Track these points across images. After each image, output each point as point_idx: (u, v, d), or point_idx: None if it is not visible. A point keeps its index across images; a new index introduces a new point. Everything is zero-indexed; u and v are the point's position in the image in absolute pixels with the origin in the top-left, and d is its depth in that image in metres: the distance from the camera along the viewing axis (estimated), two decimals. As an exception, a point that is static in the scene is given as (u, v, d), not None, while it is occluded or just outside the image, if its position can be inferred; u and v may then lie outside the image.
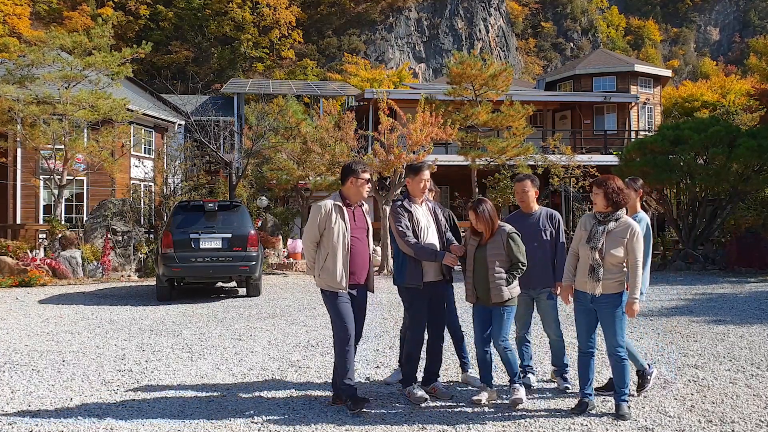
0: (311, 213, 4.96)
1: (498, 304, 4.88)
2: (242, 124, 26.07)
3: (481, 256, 4.92)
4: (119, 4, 60.43)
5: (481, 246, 4.95)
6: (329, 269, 4.81)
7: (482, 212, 4.92)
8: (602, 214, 4.72)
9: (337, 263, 4.80)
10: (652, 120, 31.14)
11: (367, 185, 5.00)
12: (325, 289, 4.87)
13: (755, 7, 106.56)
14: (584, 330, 4.79)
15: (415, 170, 5.15)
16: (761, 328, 8.05)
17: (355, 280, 4.90)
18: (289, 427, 4.47)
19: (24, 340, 7.80)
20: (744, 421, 4.52)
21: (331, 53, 66.21)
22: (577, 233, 4.88)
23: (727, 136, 15.70)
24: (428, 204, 5.28)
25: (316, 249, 4.91)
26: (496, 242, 4.91)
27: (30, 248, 15.49)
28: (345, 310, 4.81)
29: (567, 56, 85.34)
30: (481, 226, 4.94)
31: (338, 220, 4.84)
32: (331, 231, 4.82)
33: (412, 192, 5.17)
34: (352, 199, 4.99)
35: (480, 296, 4.93)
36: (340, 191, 5.06)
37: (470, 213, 4.98)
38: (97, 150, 17.48)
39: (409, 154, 17.69)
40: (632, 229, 4.64)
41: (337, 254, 4.80)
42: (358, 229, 4.95)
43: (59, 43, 17.34)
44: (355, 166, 4.98)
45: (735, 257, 15.92)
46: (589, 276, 4.64)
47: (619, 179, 4.81)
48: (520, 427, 4.42)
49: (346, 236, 4.84)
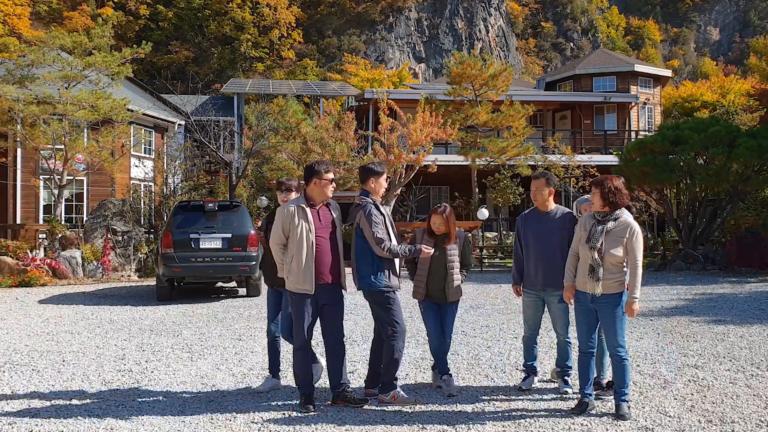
0: (276, 216, 4.99)
1: (452, 302, 5.32)
2: (242, 124, 26.07)
3: (441, 257, 5.22)
4: (119, 4, 60.42)
5: (439, 247, 5.22)
6: (294, 270, 4.83)
7: (449, 216, 5.23)
8: (600, 213, 4.72)
9: (301, 264, 4.81)
10: (652, 120, 31.13)
11: (330, 185, 4.99)
12: (293, 291, 4.89)
13: (755, 7, 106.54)
14: (585, 330, 4.79)
15: (380, 171, 5.10)
16: (761, 328, 8.05)
17: (324, 280, 4.90)
18: (289, 427, 4.47)
19: (24, 340, 7.80)
20: (744, 421, 4.51)
21: (331, 53, 66.20)
22: (576, 233, 4.87)
23: (727, 136, 15.70)
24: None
25: (283, 251, 4.92)
26: (456, 245, 5.29)
27: (30, 248, 15.49)
28: (305, 317, 4.87)
29: (567, 56, 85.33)
30: (444, 228, 5.23)
31: (301, 221, 4.84)
32: (294, 233, 4.83)
33: (377, 192, 5.12)
34: (316, 200, 4.98)
35: (432, 294, 5.28)
36: (304, 191, 5.06)
37: (436, 217, 5.23)
38: (97, 150, 17.48)
39: (409, 154, 17.71)
40: (632, 228, 4.63)
41: (302, 255, 4.81)
42: (323, 228, 4.94)
43: (59, 43, 17.34)
44: (317, 167, 4.96)
45: (735, 257, 15.92)
46: (589, 276, 4.63)
47: (618, 179, 4.79)
48: (520, 427, 4.42)
49: (309, 237, 4.84)
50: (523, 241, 5.40)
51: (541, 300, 5.33)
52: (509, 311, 9.72)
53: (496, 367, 6.16)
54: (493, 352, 6.84)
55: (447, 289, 5.25)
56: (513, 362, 6.32)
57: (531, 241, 5.31)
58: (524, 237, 5.39)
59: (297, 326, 4.92)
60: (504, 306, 10.31)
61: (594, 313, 4.73)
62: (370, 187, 5.06)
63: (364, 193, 5.09)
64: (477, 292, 12.28)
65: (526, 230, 5.39)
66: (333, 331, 4.99)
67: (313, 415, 4.73)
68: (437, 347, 5.30)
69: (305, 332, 4.90)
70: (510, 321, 8.83)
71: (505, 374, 5.87)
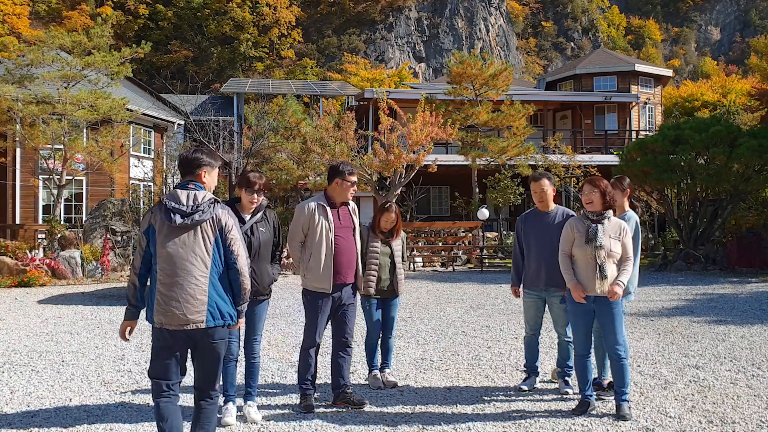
0: (295, 213, 4.95)
1: (397, 296, 5.56)
2: (242, 124, 26.05)
3: (388, 252, 5.46)
4: (118, 4, 60.39)
5: (386, 244, 5.47)
6: (313, 269, 4.79)
7: (398, 213, 5.54)
8: (595, 213, 4.72)
9: (320, 263, 4.78)
10: (653, 120, 31.12)
11: (352, 188, 4.96)
12: (309, 290, 4.86)
13: (756, 6, 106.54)
14: (582, 333, 4.78)
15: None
16: (762, 328, 8.03)
17: (341, 280, 4.88)
18: (289, 428, 4.46)
19: (23, 340, 7.79)
20: (745, 422, 4.50)
21: (330, 53, 66.19)
22: (566, 236, 4.84)
23: (728, 136, 15.69)
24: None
25: (300, 249, 4.89)
26: (399, 241, 5.58)
27: (29, 248, 15.48)
28: (320, 319, 4.84)
29: (567, 56, 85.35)
30: (393, 225, 5.49)
31: (321, 219, 4.81)
32: (314, 231, 4.80)
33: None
34: (336, 200, 4.95)
35: (382, 289, 5.43)
36: (324, 191, 5.03)
37: (388, 214, 5.46)
38: (97, 150, 17.47)
39: (409, 153, 17.68)
40: (622, 225, 4.77)
41: (321, 254, 4.78)
42: (343, 228, 4.92)
43: (58, 43, 17.32)
44: (342, 168, 4.92)
45: (736, 257, 15.91)
46: (598, 275, 4.62)
47: (604, 180, 4.87)
48: (520, 428, 4.41)
49: (329, 236, 4.81)
50: (525, 241, 5.37)
51: (542, 300, 5.30)
52: (510, 311, 9.70)
53: (496, 367, 6.14)
54: (494, 352, 6.83)
55: (396, 283, 5.49)
56: (513, 362, 6.30)
57: (532, 242, 5.29)
58: (525, 237, 5.37)
59: (310, 325, 4.87)
60: (504, 306, 10.30)
61: (592, 314, 4.72)
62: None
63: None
64: (477, 293, 12.27)
65: (527, 231, 5.36)
66: (344, 332, 4.97)
67: (313, 415, 4.71)
68: (374, 341, 5.52)
69: (318, 332, 4.85)
70: (510, 321, 8.81)
71: (505, 374, 5.86)
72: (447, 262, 18.86)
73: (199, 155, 3.63)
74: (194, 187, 3.54)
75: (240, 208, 4.69)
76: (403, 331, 8.01)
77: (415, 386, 5.51)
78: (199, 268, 3.44)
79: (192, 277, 3.42)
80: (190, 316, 3.41)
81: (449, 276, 16.13)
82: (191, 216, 3.43)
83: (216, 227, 3.50)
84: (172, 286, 3.41)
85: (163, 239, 3.46)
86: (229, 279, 3.56)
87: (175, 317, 3.41)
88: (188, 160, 3.63)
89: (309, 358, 4.89)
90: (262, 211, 4.74)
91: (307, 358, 4.89)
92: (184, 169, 3.64)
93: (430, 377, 5.79)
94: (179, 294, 3.41)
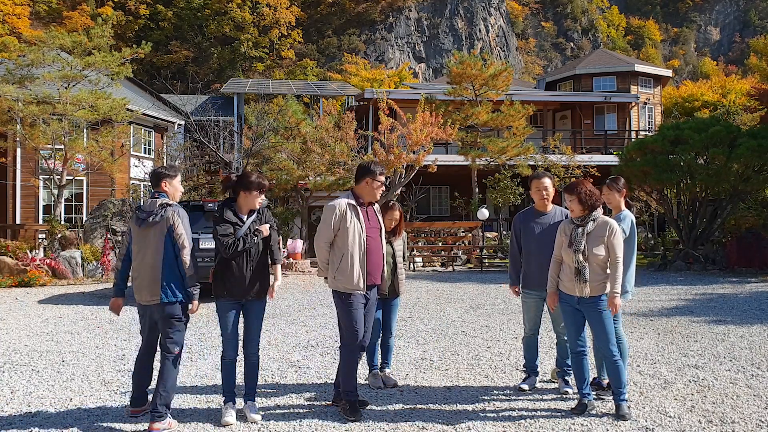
0: (324, 213, 4.79)
1: (397, 296, 5.54)
2: (242, 124, 26.05)
3: (389, 252, 5.43)
4: (119, 4, 60.43)
5: (388, 243, 5.41)
6: (345, 270, 4.65)
7: (401, 212, 5.57)
8: (579, 218, 4.74)
9: (354, 264, 4.66)
10: (653, 120, 31.13)
11: (381, 188, 4.89)
12: (341, 291, 4.71)
13: (755, 6, 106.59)
14: (573, 330, 4.80)
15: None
16: (762, 328, 8.04)
17: (371, 281, 4.80)
18: (289, 428, 4.46)
19: (24, 340, 7.80)
20: (744, 422, 4.51)
21: (331, 53, 66.22)
22: (558, 239, 4.88)
23: (728, 136, 15.69)
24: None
25: (329, 250, 4.75)
26: (401, 240, 5.58)
27: (30, 248, 15.49)
28: (358, 316, 4.68)
29: (567, 56, 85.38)
30: (393, 224, 5.50)
31: (353, 219, 4.70)
32: (346, 231, 4.67)
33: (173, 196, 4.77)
34: (365, 199, 4.86)
35: (382, 289, 5.31)
36: (352, 190, 4.92)
37: (393, 212, 5.51)
38: (97, 150, 17.48)
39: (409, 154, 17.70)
40: (611, 226, 4.67)
41: (354, 255, 4.67)
42: (372, 228, 4.84)
43: (59, 43, 17.34)
44: (373, 167, 4.84)
45: (735, 257, 15.91)
46: (576, 278, 4.64)
47: (588, 182, 4.82)
48: (520, 428, 4.42)
49: (362, 236, 4.71)
50: (524, 241, 5.38)
51: (542, 300, 5.31)
52: (509, 311, 9.71)
53: (496, 367, 6.15)
54: (493, 352, 6.84)
55: (397, 283, 5.47)
56: (513, 362, 6.31)
57: (531, 242, 5.29)
58: (525, 237, 5.37)
59: (351, 326, 4.66)
60: (504, 306, 10.31)
61: (580, 312, 4.74)
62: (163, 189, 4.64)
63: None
64: (477, 292, 12.28)
65: (525, 231, 5.37)
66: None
67: (313, 414, 4.72)
68: (375, 341, 5.44)
69: (361, 331, 4.69)
70: (510, 321, 8.82)
71: (505, 374, 5.86)
72: (447, 262, 18.87)
73: (160, 170, 4.69)
74: (158, 196, 4.57)
75: (238, 208, 4.71)
76: (403, 331, 8.02)
77: (415, 386, 5.52)
78: (156, 258, 4.47)
79: (151, 265, 4.48)
80: (151, 296, 4.48)
81: (449, 276, 16.14)
82: (147, 219, 4.50)
83: (166, 226, 4.48)
84: (140, 271, 4.53)
85: (135, 237, 4.60)
86: (177, 266, 4.49)
87: (143, 295, 4.53)
88: (153, 175, 4.69)
89: (353, 360, 4.71)
90: (257, 212, 4.76)
91: (351, 360, 4.70)
92: (152, 182, 4.68)
93: (430, 377, 5.80)
94: (143, 278, 4.51)
